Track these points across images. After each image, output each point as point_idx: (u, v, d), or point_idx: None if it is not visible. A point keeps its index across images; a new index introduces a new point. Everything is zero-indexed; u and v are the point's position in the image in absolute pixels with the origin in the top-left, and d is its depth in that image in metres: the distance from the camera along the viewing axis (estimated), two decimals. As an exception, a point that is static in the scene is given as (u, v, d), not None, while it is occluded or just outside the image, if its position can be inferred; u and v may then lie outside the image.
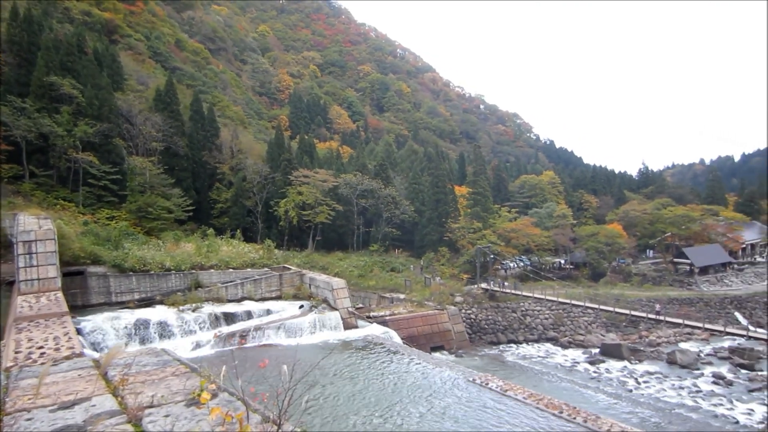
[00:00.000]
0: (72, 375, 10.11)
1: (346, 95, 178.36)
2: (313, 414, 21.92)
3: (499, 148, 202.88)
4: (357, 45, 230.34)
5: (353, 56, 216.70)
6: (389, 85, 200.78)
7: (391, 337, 38.74)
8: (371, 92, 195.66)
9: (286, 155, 72.63)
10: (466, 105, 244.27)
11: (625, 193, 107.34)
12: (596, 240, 72.87)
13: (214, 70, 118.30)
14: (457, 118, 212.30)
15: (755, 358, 43.64)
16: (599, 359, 43.95)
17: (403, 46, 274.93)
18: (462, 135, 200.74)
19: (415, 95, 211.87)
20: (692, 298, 62.10)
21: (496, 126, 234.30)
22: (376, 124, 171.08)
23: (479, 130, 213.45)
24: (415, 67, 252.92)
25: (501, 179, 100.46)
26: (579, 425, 21.48)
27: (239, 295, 41.71)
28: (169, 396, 7.38)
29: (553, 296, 51.78)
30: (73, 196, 50.55)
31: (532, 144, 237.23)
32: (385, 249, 71.70)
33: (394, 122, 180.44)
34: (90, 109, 53.56)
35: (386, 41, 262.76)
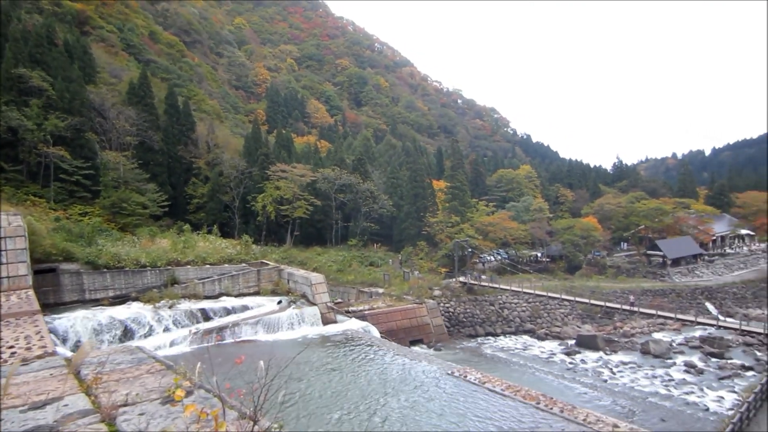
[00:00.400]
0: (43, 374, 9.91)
1: (323, 89, 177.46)
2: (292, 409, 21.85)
3: (477, 142, 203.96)
4: (335, 39, 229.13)
5: (331, 50, 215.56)
6: (367, 80, 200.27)
7: (370, 332, 38.79)
8: (349, 86, 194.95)
9: (264, 150, 72.00)
10: (444, 99, 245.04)
11: (600, 187, 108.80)
12: (572, 233, 73.75)
13: (189, 63, 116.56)
14: (435, 113, 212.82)
15: (725, 347, 44.74)
16: (575, 350, 44.58)
17: (380, 41, 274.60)
18: (440, 129, 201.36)
19: (393, 89, 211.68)
20: (665, 289, 63.27)
21: (473, 120, 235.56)
22: (354, 118, 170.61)
23: (457, 125, 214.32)
24: (393, 62, 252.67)
25: (479, 173, 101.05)
26: (556, 415, 21.78)
27: (216, 291, 41.34)
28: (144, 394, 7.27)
29: (530, 289, 52.33)
30: (44, 191, 49.37)
31: (510, 138, 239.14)
32: (364, 243, 71.63)
33: (372, 116, 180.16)
34: (61, 103, 52.35)
35: (364, 35, 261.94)
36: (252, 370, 5.75)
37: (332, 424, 20.73)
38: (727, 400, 32.36)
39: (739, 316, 52.75)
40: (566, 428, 20.37)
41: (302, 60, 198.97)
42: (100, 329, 30.87)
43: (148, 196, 56.88)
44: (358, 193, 72.64)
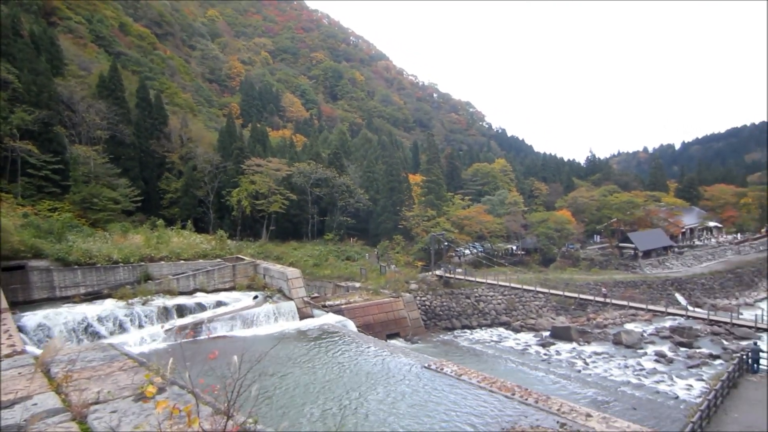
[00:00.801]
0: (12, 373, 9.68)
1: (299, 83, 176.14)
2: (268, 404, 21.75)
3: (453, 136, 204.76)
4: (309, 32, 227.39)
5: (306, 43, 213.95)
6: (342, 73, 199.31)
7: (347, 326, 38.79)
8: (324, 80, 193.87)
9: (238, 144, 71.27)
10: (420, 93, 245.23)
11: (573, 181, 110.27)
12: (546, 226, 74.65)
13: (161, 55, 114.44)
14: (410, 107, 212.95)
15: (694, 337, 45.89)
16: (550, 342, 45.22)
17: (356, 34, 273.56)
18: (416, 123, 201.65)
19: (369, 83, 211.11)
20: (636, 280, 64.48)
21: (449, 114, 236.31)
22: (330, 112, 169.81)
23: (433, 119, 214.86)
24: (368, 55, 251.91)
25: (454, 167, 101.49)
26: (531, 406, 22.08)
27: (191, 286, 40.86)
28: (116, 391, 7.16)
29: (506, 282, 52.81)
30: (10, 187, 48.10)
31: (485, 132, 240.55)
32: (340, 238, 71.50)
33: (348, 110, 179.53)
34: (28, 96, 51.03)
35: (339, 28, 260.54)
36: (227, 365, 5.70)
37: (308, 417, 20.70)
38: (695, 388, 33.21)
39: (707, 307, 54.11)
40: (541, 418, 20.67)
41: (277, 53, 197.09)
42: (70, 327, 30.27)
43: (120, 191, 55.91)
44: (334, 187, 72.44)
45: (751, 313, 48.51)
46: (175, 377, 6.98)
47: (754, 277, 73.29)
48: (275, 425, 17.59)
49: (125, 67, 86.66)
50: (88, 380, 8.18)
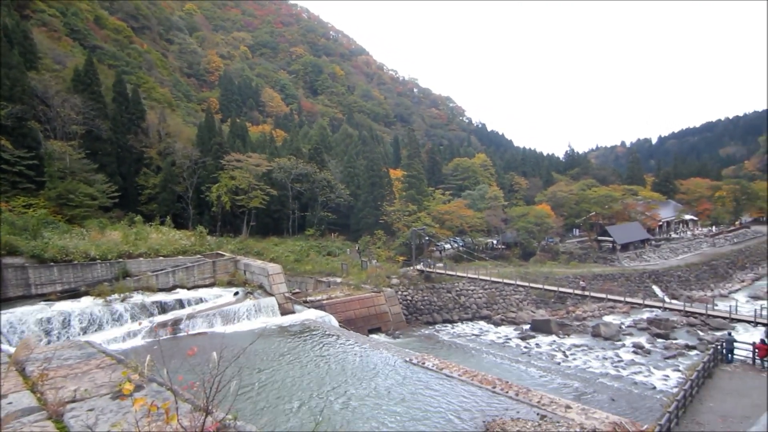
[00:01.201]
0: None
1: (278, 78, 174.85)
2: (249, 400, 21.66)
3: (433, 131, 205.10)
4: (289, 26, 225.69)
5: (285, 38, 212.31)
6: (322, 68, 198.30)
7: (329, 321, 38.79)
8: (304, 75, 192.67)
9: (218, 139, 70.54)
10: (400, 88, 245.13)
11: (552, 175, 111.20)
12: (526, 220, 75.19)
13: (138, 49, 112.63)
14: (391, 102, 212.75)
15: (670, 328, 46.75)
16: (530, 335, 45.68)
17: (335, 29, 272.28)
18: (396, 118, 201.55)
19: (349, 78, 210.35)
20: (614, 273, 65.36)
21: (429, 109, 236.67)
22: (310, 107, 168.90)
23: (413, 114, 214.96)
24: (348, 50, 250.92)
25: (435, 162, 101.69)
26: (511, 398, 22.31)
27: (171, 283, 40.49)
28: (94, 389, 7.05)
29: (486, 276, 53.14)
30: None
31: (465, 127, 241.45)
32: (321, 233, 71.27)
33: (328, 105, 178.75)
34: (0, 90, 49.88)
35: (319, 23, 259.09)
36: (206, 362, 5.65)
37: (289, 413, 20.66)
38: (672, 378, 33.87)
39: (683, 298, 55.04)
40: (521, 410, 20.89)
41: (256, 48, 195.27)
42: (46, 324, 29.80)
43: (97, 187, 55.07)
44: (315, 182, 72.14)
45: (725, 304, 49.57)
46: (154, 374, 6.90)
47: (728, 268, 74.83)
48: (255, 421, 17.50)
49: (101, 61, 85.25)
50: (64, 378, 8.04)
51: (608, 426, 18.93)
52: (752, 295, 62.18)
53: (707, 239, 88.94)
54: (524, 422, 19.40)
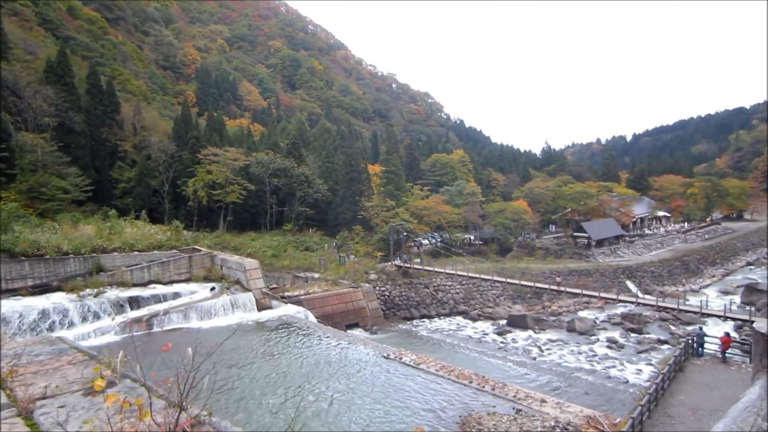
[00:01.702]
0: (-48, 370, 9.23)
1: (256, 71, 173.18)
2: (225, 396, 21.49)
3: (412, 126, 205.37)
4: (267, 20, 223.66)
5: (263, 31, 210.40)
6: (301, 62, 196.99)
7: (306, 317, 38.69)
8: (282, 69, 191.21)
9: (194, 133, 69.67)
10: (379, 84, 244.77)
11: (529, 171, 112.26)
12: (503, 216, 75.78)
13: (112, 41, 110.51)
14: (369, 97, 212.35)
15: (643, 323, 47.60)
16: (506, 330, 46.10)
17: (314, 23, 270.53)
18: (375, 114, 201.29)
19: (328, 73, 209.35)
20: (590, 269, 66.25)
21: (408, 105, 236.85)
22: (288, 101, 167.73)
23: (392, 109, 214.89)
24: (327, 44, 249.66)
25: (413, 158, 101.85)
26: (488, 393, 22.50)
27: (146, 278, 39.92)
28: (65, 386, 6.92)
29: (464, 271, 53.44)
30: (-49, 175, 45.84)
31: (443, 123, 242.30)
32: (299, 228, 70.95)
33: (307, 100, 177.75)
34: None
35: (297, 17, 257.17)
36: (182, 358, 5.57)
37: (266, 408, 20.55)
38: (644, 372, 34.51)
39: (656, 293, 56.00)
40: (497, 405, 21.08)
41: (233, 41, 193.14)
42: (16, 320, 29.15)
43: (70, 181, 54.03)
44: (293, 177, 71.72)
45: (696, 299, 50.68)
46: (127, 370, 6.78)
47: (699, 264, 76.41)
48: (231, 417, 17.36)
49: (74, 52, 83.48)
50: (34, 375, 7.87)
51: (582, 419, 19.22)
52: (722, 290, 63.58)
53: (679, 235, 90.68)
54: (500, 416, 19.58)
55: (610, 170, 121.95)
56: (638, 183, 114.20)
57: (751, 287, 56.36)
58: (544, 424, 18.84)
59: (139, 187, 62.94)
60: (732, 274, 75.44)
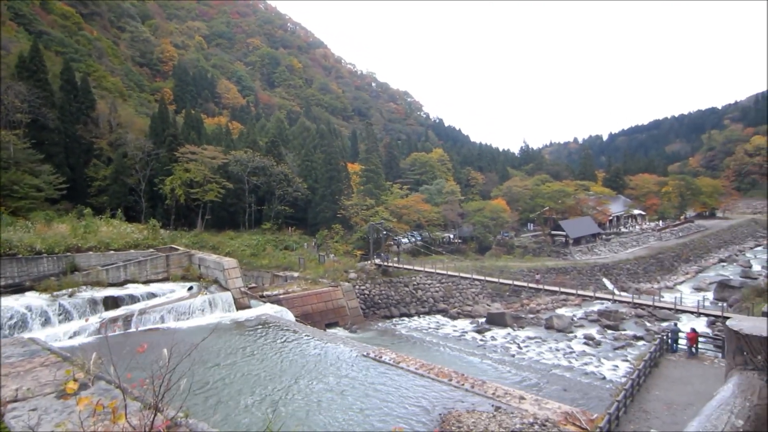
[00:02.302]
0: None
1: (234, 69, 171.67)
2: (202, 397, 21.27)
3: (391, 125, 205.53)
4: (246, 17, 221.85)
5: (242, 28, 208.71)
6: (280, 60, 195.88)
7: (285, 316, 38.51)
8: (261, 67, 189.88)
9: (171, 130, 68.74)
10: (358, 82, 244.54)
11: (508, 170, 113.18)
12: (482, 215, 76.21)
13: (87, 36, 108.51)
14: (349, 95, 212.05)
15: (620, 320, 48.33)
16: (485, 328, 46.40)
17: (293, 21, 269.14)
18: (354, 112, 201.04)
19: (307, 71, 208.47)
20: (567, 267, 66.97)
21: (387, 104, 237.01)
22: (267, 99, 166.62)
23: (371, 108, 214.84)
24: (306, 43, 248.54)
25: (393, 156, 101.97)
26: (467, 391, 22.62)
27: (122, 277, 39.34)
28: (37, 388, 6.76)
29: (443, 270, 53.62)
30: None
31: (423, 122, 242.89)
32: (279, 227, 70.51)
33: (286, 98, 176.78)
34: (-63, 76, 47.31)
35: (276, 14, 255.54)
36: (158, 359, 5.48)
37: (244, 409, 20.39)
38: (621, 368, 35.04)
39: (632, 291, 56.91)
40: (477, 402, 21.21)
41: (211, 38, 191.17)
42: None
43: (43, 178, 53.00)
44: (272, 176, 71.24)
45: (671, 296, 51.55)
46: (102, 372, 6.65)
47: (674, 261, 77.75)
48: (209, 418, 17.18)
49: (48, 47, 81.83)
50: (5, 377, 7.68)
51: (560, 415, 19.43)
52: (696, 286, 64.84)
53: (654, 233, 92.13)
54: (479, 414, 19.70)
55: (587, 169, 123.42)
56: (614, 182, 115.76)
57: (723, 284, 57.66)
58: (522, 420, 19.01)
59: (115, 186, 61.96)
60: (705, 271, 76.92)
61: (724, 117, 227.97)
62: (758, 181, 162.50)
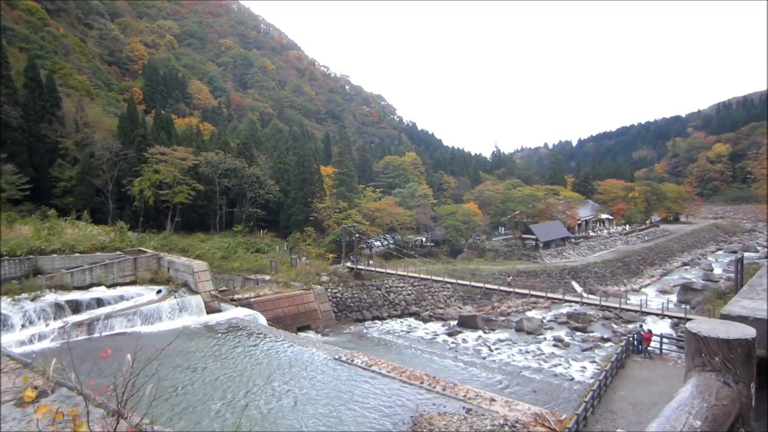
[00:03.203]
0: None
1: (206, 69, 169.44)
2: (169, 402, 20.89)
3: (364, 128, 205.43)
4: (218, 17, 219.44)
5: (214, 29, 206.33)
6: (253, 61, 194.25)
7: (256, 319, 38.14)
8: (234, 68, 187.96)
9: (141, 131, 67.48)
10: (332, 85, 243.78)
11: (480, 174, 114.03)
12: (454, 218, 76.67)
13: (53, 33, 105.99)
14: (322, 98, 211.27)
15: (588, 322, 49.13)
16: (457, 330, 46.68)
17: (267, 22, 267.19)
18: (327, 115, 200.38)
19: (280, 73, 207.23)
20: (537, 270, 67.74)
21: (361, 107, 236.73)
22: (240, 101, 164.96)
23: (345, 111, 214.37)
24: (279, 44, 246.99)
25: (366, 160, 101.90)
26: (438, 393, 22.71)
27: (87, 281, 38.47)
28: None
29: (415, 273, 53.75)
30: None
31: (396, 126, 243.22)
32: (250, 230, 69.80)
33: (259, 99, 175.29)
34: None
35: (249, 15, 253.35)
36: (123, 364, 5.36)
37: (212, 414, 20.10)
38: (588, 369, 35.63)
39: (599, 293, 57.87)
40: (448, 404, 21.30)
41: (183, 37, 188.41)
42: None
43: (5, 178, 51.60)
44: (244, 177, 70.51)
45: (637, 298, 52.68)
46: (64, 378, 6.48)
47: (639, 265, 79.40)
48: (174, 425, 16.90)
49: (11, 43, 79.73)
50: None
51: (530, 417, 19.65)
52: (661, 289, 66.33)
53: (621, 237, 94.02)
54: (451, 416, 19.80)
55: (557, 174, 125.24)
56: (583, 186, 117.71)
57: (686, 286, 59.19)
58: (493, 422, 19.17)
59: (81, 186, 60.54)
60: (669, 274, 78.74)
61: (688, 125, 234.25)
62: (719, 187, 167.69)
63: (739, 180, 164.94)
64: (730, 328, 2.14)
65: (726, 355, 2.04)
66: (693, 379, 2.09)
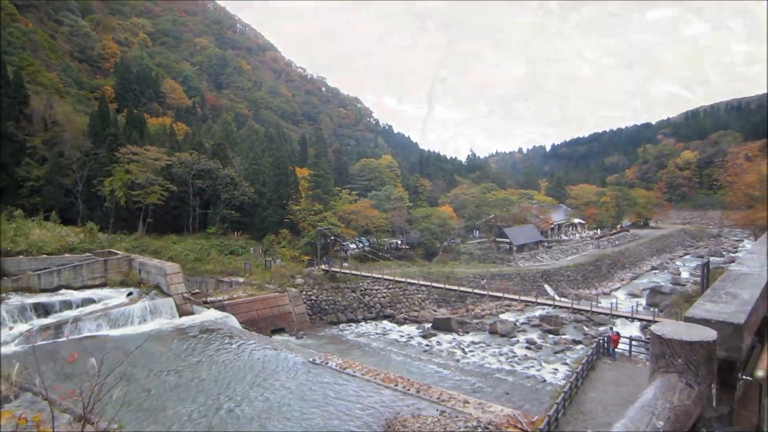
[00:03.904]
0: None
1: (180, 69, 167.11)
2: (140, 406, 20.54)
3: (341, 131, 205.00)
4: (193, 16, 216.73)
5: (189, 27, 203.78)
6: (228, 62, 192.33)
7: (230, 322, 37.77)
8: (209, 67, 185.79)
9: (112, 130, 66.28)
10: (308, 86, 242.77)
11: (455, 178, 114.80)
12: (430, 221, 77.02)
13: (21, 28, 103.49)
14: (299, 99, 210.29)
15: (560, 324, 49.80)
16: (431, 333, 46.87)
17: (243, 22, 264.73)
18: (304, 117, 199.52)
19: (256, 73, 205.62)
20: (511, 273, 68.39)
21: (337, 109, 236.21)
22: (214, 101, 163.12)
23: (321, 113, 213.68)
24: (256, 45, 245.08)
25: (342, 162, 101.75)
26: (413, 395, 22.76)
27: (55, 283, 37.61)
28: (-43, 401, 6.35)
29: (390, 275, 53.82)
30: None
31: (372, 128, 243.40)
32: (224, 232, 69.05)
33: (234, 100, 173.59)
34: None
35: (225, 14, 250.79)
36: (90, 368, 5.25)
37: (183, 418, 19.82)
38: (560, 371, 36.11)
39: (571, 296, 58.63)
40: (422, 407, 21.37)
41: (156, 36, 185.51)
42: None
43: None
44: (218, 179, 69.74)
45: (608, 301, 53.54)
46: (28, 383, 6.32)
47: (610, 268, 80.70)
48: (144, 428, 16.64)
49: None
50: None
51: (503, 418, 19.82)
52: (630, 292, 67.55)
53: (593, 241, 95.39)
54: (425, 418, 19.86)
55: (531, 179, 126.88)
56: (556, 191, 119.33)
57: (655, 290, 60.47)
58: (466, 424, 19.28)
59: (50, 186, 59.17)
60: (639, 277, 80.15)
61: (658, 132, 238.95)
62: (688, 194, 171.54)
63: (706, 186, 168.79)
64: (692, 330, 2.20)
65: (688, 357, 2.10)
66: (657, 380, 2.14)
